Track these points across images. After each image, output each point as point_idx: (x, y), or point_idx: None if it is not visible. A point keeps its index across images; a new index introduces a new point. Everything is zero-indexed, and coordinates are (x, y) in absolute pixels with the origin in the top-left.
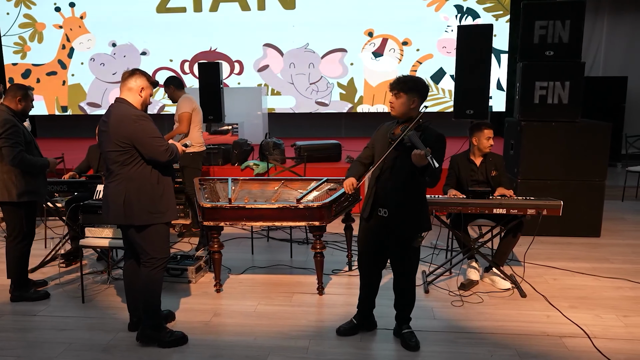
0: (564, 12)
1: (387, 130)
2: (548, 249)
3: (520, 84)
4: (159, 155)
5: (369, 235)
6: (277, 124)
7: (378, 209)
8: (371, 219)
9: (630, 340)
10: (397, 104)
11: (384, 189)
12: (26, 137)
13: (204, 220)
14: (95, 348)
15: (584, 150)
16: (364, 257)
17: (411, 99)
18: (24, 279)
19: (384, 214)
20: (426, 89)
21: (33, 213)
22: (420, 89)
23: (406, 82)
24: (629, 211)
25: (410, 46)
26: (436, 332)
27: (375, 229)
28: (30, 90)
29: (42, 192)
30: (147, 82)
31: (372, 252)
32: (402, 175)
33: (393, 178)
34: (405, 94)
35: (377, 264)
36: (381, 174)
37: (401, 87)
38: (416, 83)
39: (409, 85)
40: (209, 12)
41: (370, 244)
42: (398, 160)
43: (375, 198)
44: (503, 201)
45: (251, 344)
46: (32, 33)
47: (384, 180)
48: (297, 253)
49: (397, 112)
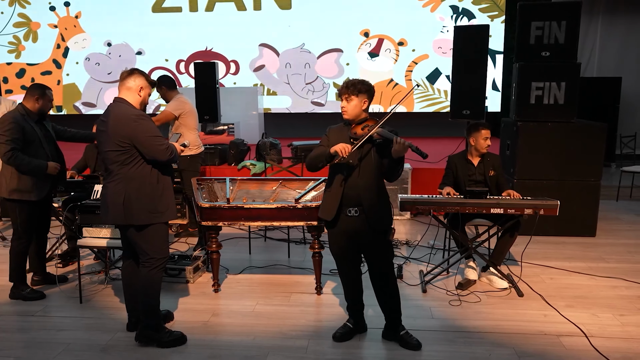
0: (560, 13)
1: (340, 132)
2: (544, 249)
3: (517, 85)
4: (160, 155)
5: (342, 238)
6: (273, 123)
7: (347, 210)
8: (338, 222)
9: (626, 339)
10: (350, 107)
11: (354, 189)
12: (28, 137)
13: (202, 220)
14: (94, 348)
15: (579, 151)
16: (342, 262)
17: (362, 100)
18: (19, 277)
19: (355, 213)
20: (373, 89)
21: (29, 213)
22: (369, 90)
23: (355, 85)
24: (624, 211)
25: (406, 46)
26: (434, 331)
27: (347, 230)
28: (49, 90)
29: (39, 193)
30: (146, 81)
31: (349, 255)
32: (372, 173)
33: (363, 177)
34: (356, 97)
35: (356, 265)
36: (348, 175)
37: (351, 91)
38: (364, 84)
39: (359, 88)
40: (205, 11)
41: (345, 247)
42: (365, 159)
43: (343, 199)
44: (500, 201)
45: (250, 344)
46: (27, 32)
47: (352, 181)
48: (294, 253)
49: (350, 114)
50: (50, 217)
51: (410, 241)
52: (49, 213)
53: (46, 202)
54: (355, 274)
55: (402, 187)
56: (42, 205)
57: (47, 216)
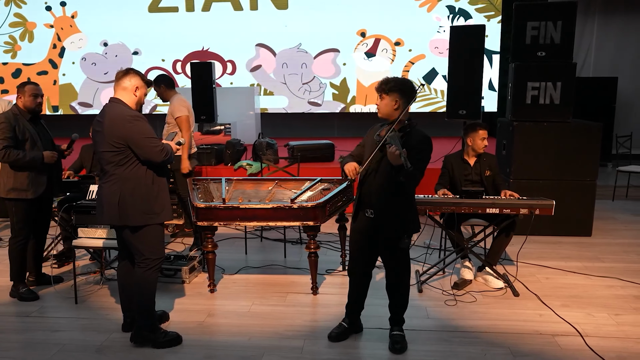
0: (556, 13)
1: (375, 131)
2: (540, 248)
3: (513, 85)
4: (154, 156)
5: (358, 236)
6: (269, 124)
7: (365, 210)
8: (357, 220)
9: (621, 339)
10: (382, 106)
11: (369, 190)
12: (20, 136)
13: (198, 221)
14: (89, 349)
15: (575, 150)
16: (355, 261)
17: (393, 99)
18: (15, 275)
19: (370, 214)
20: (410, 89)
21: (26, 211)
22: (402, 89)
23: (387, 82)
24: (620, 210)
25: (403, 46)
26: (430, 331)
27: (363, 230)
28: (29, 85)
29: (36, 190)
30: (142, 81)
31: (363, 254)
32: (386, 177)
33: (378, 179)
34: (387, 95)
35: (367, 266)
36: (367, 175)
37: (383, 89)
38: (397, 83)
39: (390, 86)
40: (201, 11)
41: (360, 246)
42: (382, 162)
43: (360, 199)
44: (496, 201)
45: (245, 344)
46: (23, 32)
47: (369, 182)
48: (291, 253)
49: (382, 113)
50: (50, 217)
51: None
52: (49, 213)
53: (44, 202)
54: (364, 275)
55: None
56: (40, 204)
57: (46, 216)
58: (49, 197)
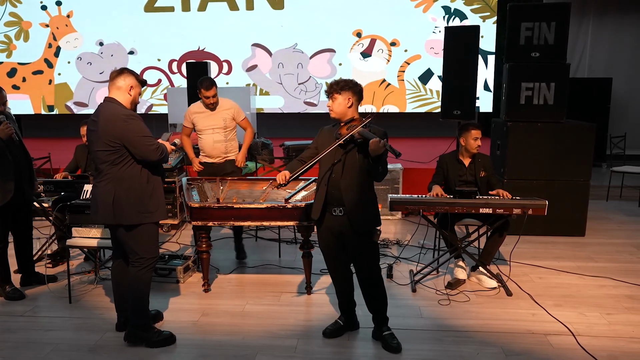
0: (550, 14)
1: (329, 132)
2: (533, 248)
3: (506, 85)
4: (150, 155)
5: (329, 237)
6: (265, 124)
7: (332, 209)
8: (325, 220)
9: (613, 338)
10: (335, 106)
11: (336, 189)
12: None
13: (192, 220)
14: (83, 348)
15: (569, 151)
16: (330, 260)
17: (346, 98)
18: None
19: (339, 212)
20: (359, 87)
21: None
22: (352, 88)
23: (338, 83)
24: (613, 211)
25: (399, 47)
26: (423, 330)
27: (332, 229)
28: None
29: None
30: (136, 80)
31: (336, 253)
32: (355, 173)
33: (346, 177)
34: (340, 94)
35: (344, 263)
36: (332, 174)
37: (334, 89)
38: (348, 82)
39: (340, 85)
40: (197, 11)
41: (332, 245)
42: (348, 159)
43: (327, 199)
44: (489, 201)
45: (239, 344)
46: (18, 31)
47: (335, 180)
48: (285, 253)
49: (335, 113)
50: (29, 218)
51: (401, 241)
52: (27, 215)
53: (20, 206)
54: (344, 272)
55: (394, 187)
56: (11, 209)
57: (25, 219)
58: (24, 201)
